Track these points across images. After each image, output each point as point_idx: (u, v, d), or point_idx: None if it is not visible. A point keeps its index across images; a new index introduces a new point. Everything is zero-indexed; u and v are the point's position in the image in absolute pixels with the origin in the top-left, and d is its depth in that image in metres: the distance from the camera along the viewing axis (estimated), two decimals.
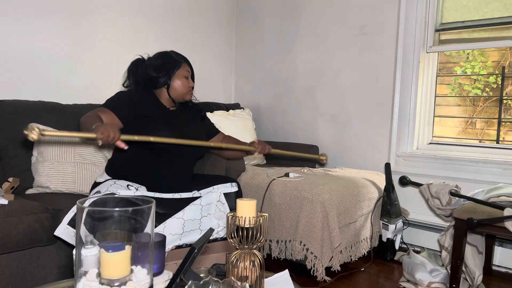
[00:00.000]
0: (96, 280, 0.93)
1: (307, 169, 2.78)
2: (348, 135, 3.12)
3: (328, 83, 3.20)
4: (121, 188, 1.76)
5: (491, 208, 2.01)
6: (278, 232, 2.33)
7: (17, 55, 2.44)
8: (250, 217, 1.19)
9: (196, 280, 1.06)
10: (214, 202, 1.90)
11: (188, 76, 2.02)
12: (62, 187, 2.14)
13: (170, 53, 2.04)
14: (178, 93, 2.00)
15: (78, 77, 2.70)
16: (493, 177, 2.51)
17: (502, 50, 2.64)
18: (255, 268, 1.21)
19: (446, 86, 2.87)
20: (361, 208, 2.46)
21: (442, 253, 2.12)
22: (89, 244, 0.97)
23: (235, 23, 3.72)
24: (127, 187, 1.79)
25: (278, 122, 3.50)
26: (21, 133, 2.23)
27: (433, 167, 2.74)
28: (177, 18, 3.26)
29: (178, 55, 2.05)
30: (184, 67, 2.02)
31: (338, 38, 3.13)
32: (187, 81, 2.02)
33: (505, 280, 2.41)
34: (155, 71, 1.98)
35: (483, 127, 2.73)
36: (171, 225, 1.77)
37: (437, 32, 2.77)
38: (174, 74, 1.99)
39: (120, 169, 1.94)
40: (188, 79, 2.03)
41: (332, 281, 2.28)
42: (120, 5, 2.89)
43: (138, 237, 0.99)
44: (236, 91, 3.77)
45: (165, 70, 1.98)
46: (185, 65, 2.03)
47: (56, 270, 1.85)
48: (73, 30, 2.66)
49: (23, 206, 1.74)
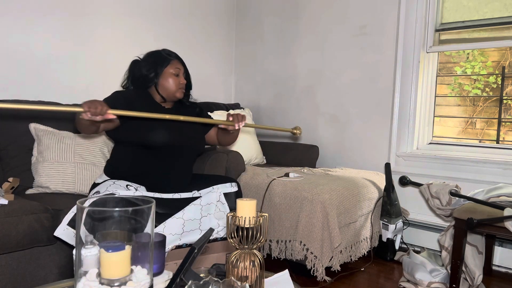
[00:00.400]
0: (96, 280, 0.93)
1: (307, 169, 2.78)
2: (348, 135, 3.12)
3: (328, 83, 3.20)
4: (120, 188, 1.76)
5: (491, 208, 2.01)
6: (278, 232, 2.33)
7: (17, 55, 2.44)
8: (250, 217, 1.19)
9: (196, 280, 1.06)
10: (214, 202, 1.90)
11: (178, 73, 1.99)
12: (62, 187, 2.14)
13: (160, 51, 2.02)
14: (167, 91, 1.98)
15: (78, 77, 2.70)
16: (493, 177, 2.51)
17: (502, 50, 2.64)
18: (255, 268, 1.21)
19: (446, 86, 2.87)
20: (361, 208, 2.46)
21: (442, 253, 2.11)
22: (89, 244, 0.97)
23: (235, 23, 3.72)
24: (126, 187, 1.79)
25: (278, 122, 3.50)
26: (21, 133, 2.24)
27: (433, 167, 2.74)
28: (177, 18, 3.26)
29: (168, 52, 2.02)
30: (174, 64, 1.99)
31: (338, 38, 3.13)
32: (177, 78, 1.98)
33: (505, 280, 2.41)
34: (144, 69, 1.97)
35: (483, 127, 2.73)
36: (171, 225, 1.77)
37: (437, 32, 2.77)
38: (162, 71, 1.97)
39: (119, 169, 1.94)
40: (179, 77, 1.99)
41: (332, 281, 2.28)
42: (120, 6, 2.89)
43: (138, 237, 0.99)
44: (236, 91, 3.77)
45: (153, 68, 1.96)
46: (175, 62, 2.00)
47: (56, 270, 1.85)
48: (73, 30, 2.66)
49: (23, 206, 1.74)
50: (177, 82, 1.98)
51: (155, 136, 1.88)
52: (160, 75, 1.97)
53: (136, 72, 2.00)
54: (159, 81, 1.97)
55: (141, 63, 2.00)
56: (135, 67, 2.02)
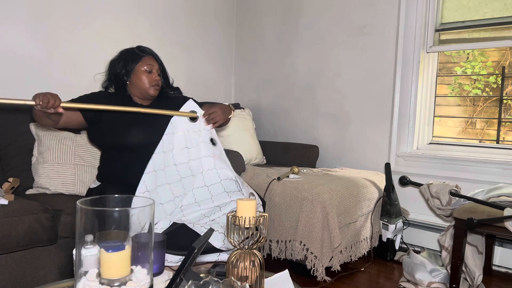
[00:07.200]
0: (96, 280, 0.93)
1: (307, 169, 2.78)
2: (348, 135, 3.12)
3: (328, 83, 3.20)
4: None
5: (491, 208, 2.01)
6: (278, 232, 2.33)
7: (17, 55, 2.44)
8: (250, 217, 1.19)
9: (196, 280, 1.06)
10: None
11: (151, 70, 1.92)
12: (62, 189, 2.13)
13: (133, 48, 1.98)
14: (140, 88, 1.93)
15: (78, 77, 2.69)
16: (493, 177, 2.51)
17: (502, 50, 2.64)
18: (255, 268, 1.21)
19: (446, 86, 2.87)
20: (361, 208, 2.46)
21: (442, 253, 2.11)
22: (89, 244, 0.97)
23: (235, 23, 3.72)
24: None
25: (278, 122, 3.50)
26: (21, 133, 2.24)
27: (433, 167, 2.74)
28: (177, 19, 3.26)
29: (142, 49, 1.97)
30: (146, 61, 1.92)
31: (338, 38, 3.13)
32: (150, 75, 1.92)
33: (505, 280, 2.41)
34: (117, 67, 1.94)
35: (483, 127, 2.73)
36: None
37: (437, 32, 2.77)
38: (133, 68, 1.92)
39: (108, 174, 1.92)
40: (152, 73, 1.93)
41: (332, 281, 2.28)
42: (120, 6, 2.89)
43: (138, 237, 0.99)
44: (236, 91, 3.77)
45: (124, 66, 1.92)
46: (147, 58, 1.93)
47: (56, 270, 1.85)
48: (73, 30, 2.66)
49: (23, 206, 1.74)
50: (149, 79, 1.92)
51: (128, 137, 1.85)
52: (131, 72, 1.92)
53: (111, 71, 1.97)
54: (131, 78, 1.93)
55: (115, 62, 1.97)
56: (111, 66, 1.98)
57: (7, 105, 1.94)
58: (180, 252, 1.58)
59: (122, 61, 1.94)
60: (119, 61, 1.95)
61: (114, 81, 1.98)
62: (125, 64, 1.93)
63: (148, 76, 1.92)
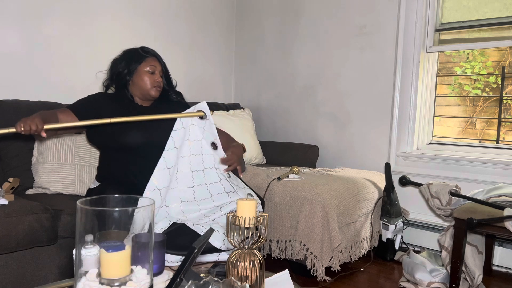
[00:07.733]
0: (96, 280, 0.93)
1: (307, 169, 2.78)
2: (348, 135, 3.12)
3: (328, 83, 3.20)
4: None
5: (491, 208, 2.00)
6: (278, 232, 2.33)
7: (17, 55, 2.44)
8: (250, 217, 1.19)
9: (196, 280, 1.06)
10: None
11: (154, 71, 1.92)
12: (62, 189, 2.13)
13: (137, 48, 1.97)
14: (141, 89, 1.92)
15: (78, 77, 2.69)
16: (493, 177, 2.51)
17: (502, 50, 2.64)
18: (255, 268, 1.21)
19: (446, 86, 2.87)
20: (361, 208, 2.46)
21: (442, 253, 2.11)
22: (89, 244, 0.97)
23: (235, 23, 3.72)
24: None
25: (278, 122, 3.50)
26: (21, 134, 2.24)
27: (433, 167, 2.74)
28: (177, 18, 3.26)
29: (145, 50, 1.97)
30: (148, 62, 1.92)
31: (338, 38, 3.13)
32: (153, 76, 1.92)
33: (505, 280, 2.41)
34: (120, 67, 1.93)
35: (483, 127, 2.73)
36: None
37: (437, 32, 2.77)
38: (136, 69, 1.91)
39: (107, 174, 1.92)
40: (154, 74, 1.92)
41: (332, 281, 2.28)
42: (120, 6, 2.89)
43: (138, 237, 0.99)
44: (236, 91, 3.77)
45: (127, 66, 1.92)
46: (150, 59, 1.93)
47: (56, 270, 1.85)
48: (73, 30, 2.66)
49: (23, 206, 1.74)
50: (152, 80, 1.92)
51: (128, 138, 1.84)
52: (134, 72, 1.92)
53: (114, 71, 1.97)
54: (133, 78, 1.93)
55: (118, 61, 1.96)
56: (113, 65, 1.98)
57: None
58: (180, 252, 1.58)
59: (125, 60, 1.93)
60: (121, 60, 1.95)
61: (115, 80, 1.97)
62: (128, 63, 1.92)
63: (150, 77, 1.92)
